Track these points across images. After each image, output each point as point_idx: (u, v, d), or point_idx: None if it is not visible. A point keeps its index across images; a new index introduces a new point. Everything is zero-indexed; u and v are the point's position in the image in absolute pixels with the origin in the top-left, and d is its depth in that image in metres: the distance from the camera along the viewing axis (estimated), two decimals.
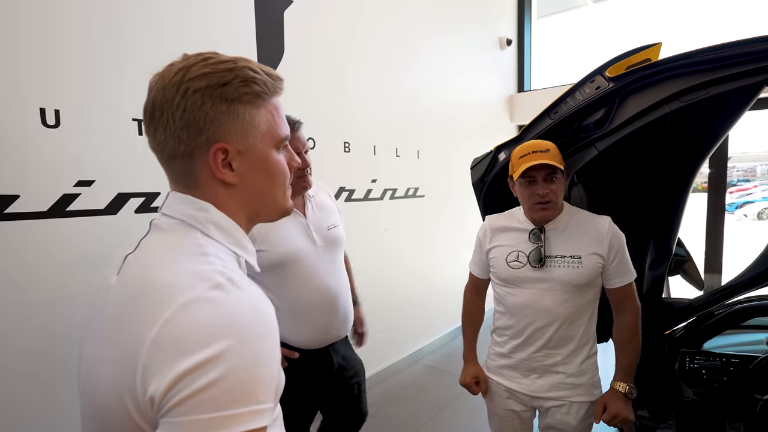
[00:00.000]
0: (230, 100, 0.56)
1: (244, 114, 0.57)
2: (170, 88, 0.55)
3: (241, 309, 0.49)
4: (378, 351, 3.11)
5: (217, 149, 0.56)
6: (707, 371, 1.46)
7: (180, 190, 0.59)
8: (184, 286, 0.48)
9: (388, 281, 3.15)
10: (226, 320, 0.47)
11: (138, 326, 0.47)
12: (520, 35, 4.74)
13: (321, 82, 2.54)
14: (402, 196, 3.24)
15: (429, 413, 2.68)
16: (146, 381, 0.45)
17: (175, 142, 0.56)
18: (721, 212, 3.22)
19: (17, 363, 1.48)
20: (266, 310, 0.52)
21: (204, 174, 0.58)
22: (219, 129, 0.56)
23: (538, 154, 1.24)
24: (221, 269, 0.52)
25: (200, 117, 0.55)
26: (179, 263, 0.52)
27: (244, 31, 2.13)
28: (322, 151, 2.55)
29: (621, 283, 1.30)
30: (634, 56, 1.32)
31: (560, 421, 1.34)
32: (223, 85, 0.55)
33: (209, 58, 0.57)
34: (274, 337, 0.52)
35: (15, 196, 1.45)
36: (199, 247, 0.55)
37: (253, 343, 0.48)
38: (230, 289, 0.50)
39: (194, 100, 0.54)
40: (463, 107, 3.90)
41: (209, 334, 0.45)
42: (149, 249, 0.56)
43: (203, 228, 0.57)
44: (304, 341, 1.41)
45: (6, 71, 1.41)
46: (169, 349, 0.45)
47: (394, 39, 3.05)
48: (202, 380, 0.43)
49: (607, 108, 1.32)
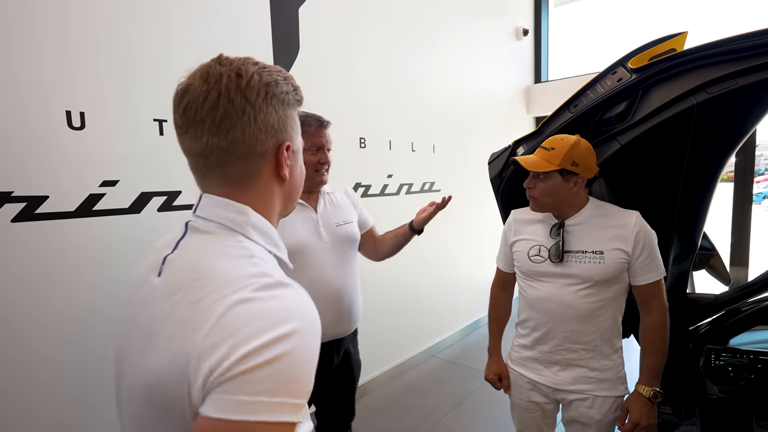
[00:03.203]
0: (290, 105, 0.63)
1: (295, 118, 0.65)
2: (249, 90, 0.57)
3: (298, 303, 0.52)
4: (395, 344, 3.13)
5: (286, 147, 0.62)
6: (734, 368, 1.43)
7: (222, 191, 0.60)
8: (234, 285, 0.49)
9: (404, 275, 3.16)
10: (292, 309, 0.50)
11: (189, 323, 0.48)
12: (537, 24, 4.64)
13: (336, 78, 2.54)
14: (418, 191, 3.24)
15: (448, 406, 2.70)
16: (201, 363, 0.45)
17: (253, 142, 0.59)
18: (748, 203, 3.12)
19: (55, 357, 1.54)
20: (313, 306, 0.55)
21: (267, 171, 0.62)
22: (286, 130, 0.62)
23: (540, 151, 1.28)
24: (267, 271, 0.54)
25: (276, 120, 0.60)
26: (226, 263, 0.53)
27: (259, 28, 2.14)
28: (338, 148, 2.54)
29: (647, 280, 1.26)
30: (658, 46, 1.29)
31: (583, 415, 1.33)
32: (286, 92, 0.62)
33: (264, 66, 0.61)
34: (319, 333, 0.54)
35: (45, 197, 1.50)
36: (243, 249, 0.57)
37: (314, 335, 0.51)
38: (281, 290, 0.52)
39: (274, 104, 0.59)
40: (478, 100, 3.85)
41: (276, 320, 0.47)
42: (195, 248, 0.57)
43: (244, 231, 0.59)
44: None
45: (32, 75, 1.45)
46: (233, 334, 0.46)
47: (408, 32, 3.03)
48: (267, 355, 0.45)
49: (630, 100, 1.29)
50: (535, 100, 4.59)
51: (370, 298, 2.80)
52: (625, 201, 1.41)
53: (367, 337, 2.72)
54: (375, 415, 2.62)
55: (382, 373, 2.99)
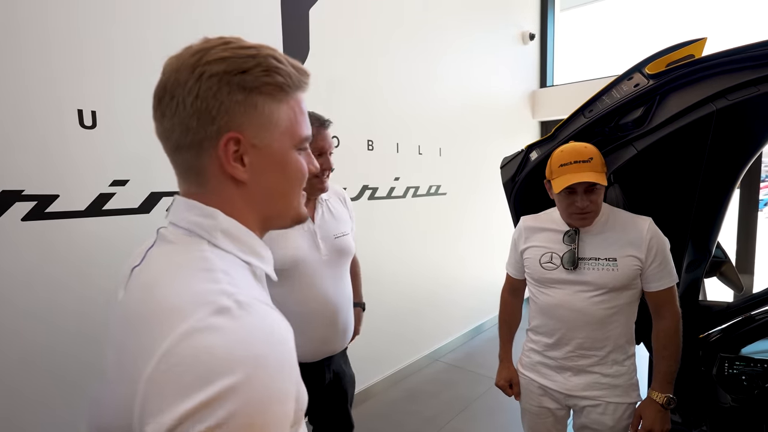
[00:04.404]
0: (249, 90, 0.51)
1: (263, 106, 0.52)
2: (184, 70, 0.50)
3: (249, 337, 0.42)
4: (399, 348, 3.12)
5: (228, 139, 0.51)
6: (748, 377, 1.42)
7: (187, 191, 0.55)
8: (183, 311, 0.42)
9: (409, 278, 3.15)
10: (232, 352, 0.40)
11: (137, 358, 0.42)
12: (543, 29, 4.65)
13: (345, 81, 2.53)
14: (424, 194, 3.23)
15: (453, 411, 2.68)
16: (143, 422, 0.40)
17: (183, 130, 0.51)
18: (754, 209, 3.11)
19: (63, 354, 1.53)
20: (280, 334, 0.46)
21: (213, 169, 0.52)
22: (233, 119, 0.51)
23: (580, 165, 1.19)
24: (227, 288, 0.45)
25: (214, 105, 0.49)
26: (181, 282, 0.46)
27: (270, 28, 2.14)
28: (347, 150, 2.55)
29: (659, 287, 1.26)
30: (676, 52, 1.28)
31: (596, 421, 1.32)
32: (242, 72, 0.50)
33: (230, 42, 0.52)
34: (291, 364, 0.46)
35: (55, 195, 1.49)
36: (204, 261, 0.49)
37: (264, 377, 0.41)
38: (237, 313, 0.43)
39: (209, 85, 0.49)
40: (484, 104, 3.85)
41: (212, 371, 0.39)
42: (153, 264, 0.52)
43: (210, 237, 0.52)
44: (298, 354, 1.35)
45: (44, 74, 1.44)
46: (168, 388, 0.39)
47: (416, 36, 3.02)
48: (205, 424, 0.37)
49: (647, 106, 1.28)
50: (541, 104, 4.59)
51: (371, 303, 2.78)
52: (639, 207, 1.40)
53: (368, 342, 2.71)
54: (377, 421, 2.60)
55: (384, 378, 2.97)
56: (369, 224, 2.75)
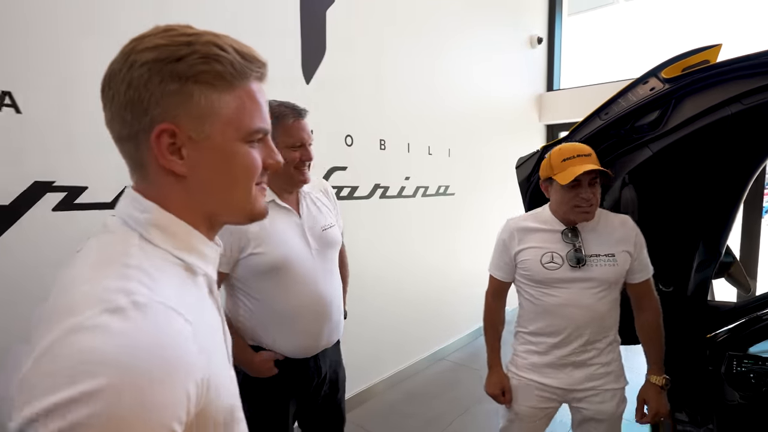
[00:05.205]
0: (183, 79, 0.48)
1: (200, 96, 0.49)
2: (120, 59, 0.48)
3: (132, 342, 0.39)
4: (403, 348, 3.15)
5: (161, 131, 0.48)
6: (756, 375, 1.45)
7: (135, 183, 0.54)
8: (76, 308, 0.40)
9: (416, 277, 3.18)
10: (106, 355, 0.38)
11: (29, 353, 0.40)
12: (550, 33, 4.69)
13: (360, 81, 2.57)
14: (433, 194, 3.27)
15: (455, 412, 2.68)
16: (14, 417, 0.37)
17: (120, 121, 0.49)
18: (758, 214, 3.15)
19: None
20: (174, 343, 0.43)
21: (151, 162, 0.50)
22: (167, 110, 0.48)
23: (582, 158, 1.25)
24: (130, 287, 0.43)
25: (145, 95, 0.47)
26: (93, 277, 0.44)
27: (289, 29, 2.18)
28: (360, 149, 2.60)
29: (643, 278, 1.36)
30: (692, 58, 1.32)
31: (598, 411, 1.36)
32: (176, 60, 0.47)
33: (171, 29, 0.49)
34: (180, 377, 0.42)
35: (84, 187, 1.53)
36: (126, 256, 0.47)
37: (137, 386, 0.38)
38: (130, 314, 0.41)
39: (140, 74, 0.47)
40: (492, 106, 3.90)
41: (81, 371, 0.37)
42: (85, 253, 0.49)
43: (143, 231, 0.50)
44: (291, 349, 1.31)
45: (78, 67, 1.48)
46: (37, 382, 0.37)
47: (427, 38, 3.07)
48: (60, 423, 0.35)
49: (663, 109, 1.32)
50: (547, 107, 4.63)
51: (377, 301, 2.82)
52: (653, 207, 1.44)
53: (369, 341, 2.75)
54: (378, 420, 2.59)
55: (386, 378, 2.98)
56: (379, 222, 2.79)
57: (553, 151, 1.33)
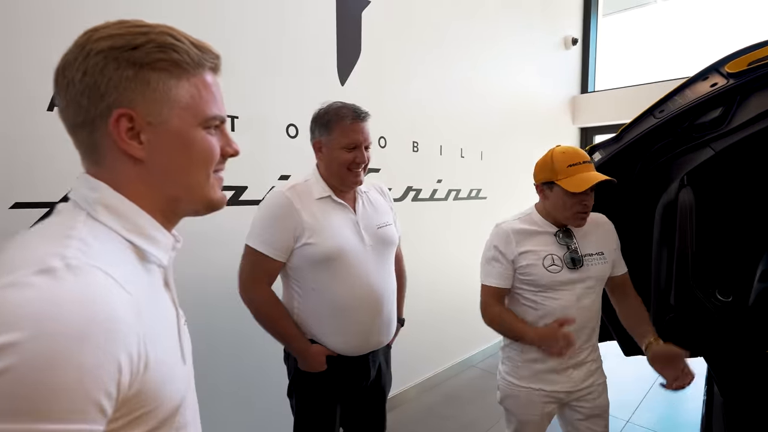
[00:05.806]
0: (140, 65, 0.50)
1: (156, 82, 0.51)
2: (75, 49, 0.50)
3: (57, 300, 0.39)
4: (436, 352, 3.09)
5: (119, 115, 0.50)
6: None
7: (88, 170, 0.54)
8: (12, 267, 0.41)
9: (450, 280, 3.13)
10: (27, 310, 0.38)
11: None
12: (585, 34, 4.57)
13: (393, 82, 2.56)
14: (465, 197, 3.21)
15: (492, 419, 2.62)
16: None
17: (76, 109, 0.50)
18: None
19: None
20: (103, 306, 0.42)
21: (108, 146, 0.51)
22: (123, 95, 0.49)
23: (588, 165, 1.26)
24: (66, 252, 0.43)
25: (102, 81, 0.49)
26: (37, 244, 0.45)
27: (325, 30, 2.18)
28: (393, 150, 2.57)
29: (624, 270, 1.42)
30: (759, 51, 1.24)
31: (597, 407, 1.37)
32: (132, 48, 0.49)
33: (125, 22, 0.51)
34: (106, 340, 0.41)
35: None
36: (69, 229, 0.47)
37: (55, 344, 0.38)
38: (61, 275, 0.41)
39: (96, 61, 0.48)
40: (525, 109, 3.81)
41: (6, 322, 0.37)
42: (33, 229, 0.50)
43: (91, 210, 0.50)
44: (343, 346, 1.32)
45: None
46: None
47: (461, 40, 3.03)
48: None
49: (726, 106, 1.24)
50: (582, 110, 4.50)
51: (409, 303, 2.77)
52: (713, 211, 1.35)
53: (406, 344, 2.69)
54: (412, 426, 2.57)
55: (420, 382, 2.94)
56: (410, 225, 2.75)
57: (554, 154, 1.29)
